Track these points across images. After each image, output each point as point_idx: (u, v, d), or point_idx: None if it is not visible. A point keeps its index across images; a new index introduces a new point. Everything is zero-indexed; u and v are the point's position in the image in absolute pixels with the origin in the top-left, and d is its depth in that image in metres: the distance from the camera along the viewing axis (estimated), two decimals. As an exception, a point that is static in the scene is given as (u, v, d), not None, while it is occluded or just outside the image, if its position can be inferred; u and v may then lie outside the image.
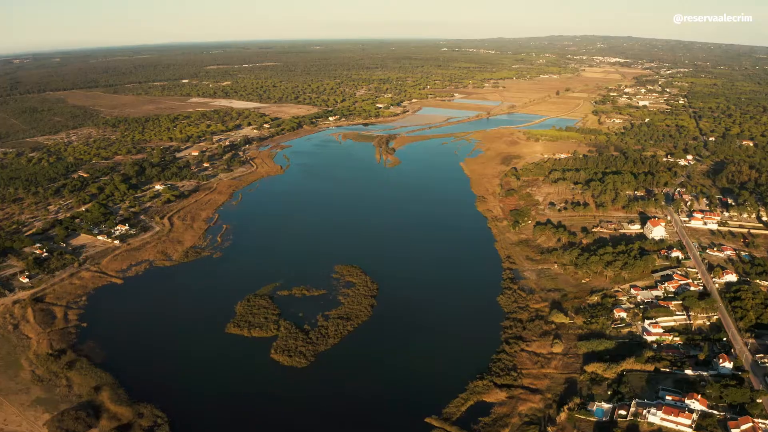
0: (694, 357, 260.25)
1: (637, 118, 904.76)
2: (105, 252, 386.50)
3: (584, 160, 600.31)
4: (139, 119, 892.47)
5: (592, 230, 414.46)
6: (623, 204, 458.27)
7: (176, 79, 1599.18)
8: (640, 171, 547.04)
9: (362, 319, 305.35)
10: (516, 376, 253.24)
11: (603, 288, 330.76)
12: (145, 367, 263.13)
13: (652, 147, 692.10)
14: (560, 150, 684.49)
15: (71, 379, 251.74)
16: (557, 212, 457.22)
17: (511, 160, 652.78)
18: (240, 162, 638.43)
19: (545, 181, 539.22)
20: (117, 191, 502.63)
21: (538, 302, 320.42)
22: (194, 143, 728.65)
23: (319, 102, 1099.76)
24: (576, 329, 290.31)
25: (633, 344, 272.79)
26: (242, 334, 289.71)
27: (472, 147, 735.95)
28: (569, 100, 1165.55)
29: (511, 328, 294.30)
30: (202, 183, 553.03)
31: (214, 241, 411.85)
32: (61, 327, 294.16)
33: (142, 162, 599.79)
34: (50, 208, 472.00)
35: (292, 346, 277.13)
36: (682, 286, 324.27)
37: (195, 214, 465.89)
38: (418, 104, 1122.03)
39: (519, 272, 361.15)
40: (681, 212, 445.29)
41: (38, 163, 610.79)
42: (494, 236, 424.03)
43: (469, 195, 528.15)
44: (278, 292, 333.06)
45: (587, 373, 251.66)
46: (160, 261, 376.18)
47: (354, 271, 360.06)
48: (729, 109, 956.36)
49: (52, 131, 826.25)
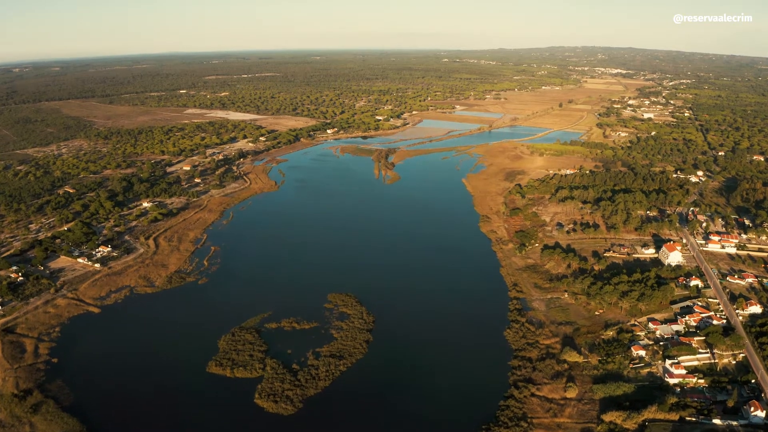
0: (722, 403, 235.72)
1: (642, 131, 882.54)
2: (84, 276, 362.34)
3: (591, 177, 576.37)
4: (132, 131, 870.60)
5: (604, 255, 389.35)
6: (636, 226, 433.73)
7: (174, 89, 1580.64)
8: (651, 189, 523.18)
9: (356, 357, 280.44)
10: (526, 428, 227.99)
11: (618, 321, 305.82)
12: (116, 413, 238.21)
13: (660, 162, 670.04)
14: (565, 165, 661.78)
15: (35, 426, 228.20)
16: (566, 234, 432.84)
17: (515, 175, 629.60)
18: (233, 177, 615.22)
19: (552, 199, 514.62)
20: (102, 209, 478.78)
21: (549, 337, 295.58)
22: (187, 157, 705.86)
23: (317, 114, 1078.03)
24: (591, 370, 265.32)
25: (654, 388, 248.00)
26: (224, 374, 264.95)
27: (475, 162, 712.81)
28: (572, 113, 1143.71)
29: (520, 368, 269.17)
30: (192, 200, 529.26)
31: (200, 265, 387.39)
32: (29, 363, 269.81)
33: (130, 177, 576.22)
34: (31, 226, 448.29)
35: (279, 389, 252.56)
36: (704, 319, 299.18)
37: (182, 234, 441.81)
38: (418, 116, 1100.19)
39: (527, 302, 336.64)
40: (697, 234, 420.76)
41: (24, 177, 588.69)
42: (499, 261, 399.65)
43: (472, 214, 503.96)
44: (266, 325, 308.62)
45: (605, 423, 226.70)
46: (142, 287, 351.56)
47: (349, 301, 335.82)
48: (736, 122, 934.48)
49: (44, 143, 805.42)
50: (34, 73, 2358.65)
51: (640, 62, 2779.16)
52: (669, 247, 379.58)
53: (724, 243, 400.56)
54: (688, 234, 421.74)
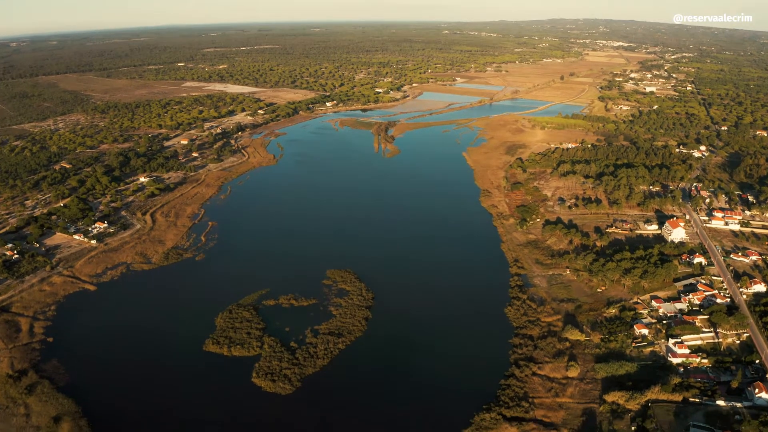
0: (726, 384, 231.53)
1: (645, 105, 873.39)
2: (80, 253, 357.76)
3: (593, 151, 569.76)
4: (130, 105, 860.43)
5: (606, 231, 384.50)
6: (638, 201, 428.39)
7: (172, 62, 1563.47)
8: (654, 164, 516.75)
9: (355, 335, 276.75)
10: (527, 407, 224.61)
11: (621, 299, 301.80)
12: (111, 393, 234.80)
13: (662, 136, 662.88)
14: (567, 139, 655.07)
15: (30, 407, 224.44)
16: (567, 209, 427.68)
17: (516, 149, 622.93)
18: (231, 151, 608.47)
19: (553, 174, 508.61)
20: (98, 184, 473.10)
21: (550, 315, 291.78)
22: (184, 131, 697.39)
23: (316, 86, 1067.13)
24: (593, 348, 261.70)
25: (657, 367, 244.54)
26: (221, 352, 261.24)
27: (475, 135, 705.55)
28: (574, 85, 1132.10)
29: (521, 347, 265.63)
30: (190, 174, 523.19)
31: (197, 241, 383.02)
32: (25, 342, 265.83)
33: (127, 152, 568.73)
34: (27, 203, 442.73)
35: (277, 368, 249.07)
36: (708, 298, 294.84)
37: (180, 209, 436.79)
38: (418, 89, 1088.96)
39: (528, 278, 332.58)
40: (700, 211, 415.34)
41: (21, 152, 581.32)
42: (500, 236, 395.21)
43: (473, 188, 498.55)
44: (264, 302, 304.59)
45: (607, 403, 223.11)
46: (138, 264, 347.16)
47: (348, 277, 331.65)
48: (739, 97, 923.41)
49: (40, 118, 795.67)
50: (32, 47, 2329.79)
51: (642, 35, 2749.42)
52: (672, 224, 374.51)
53: (727, 220, 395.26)
54: (692, 210, 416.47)
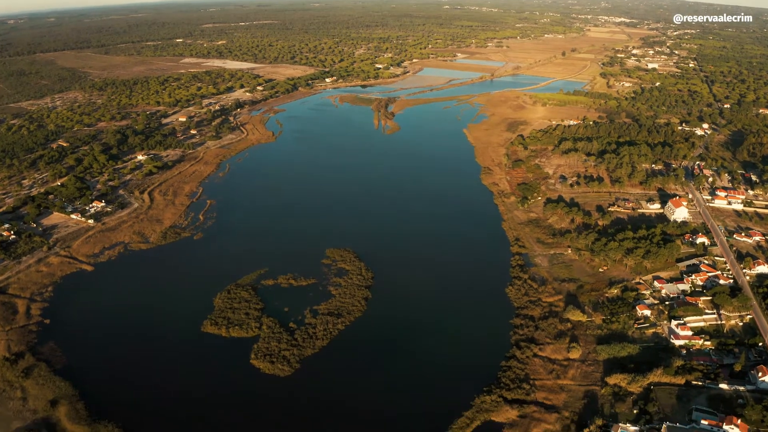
0: (729, 367, 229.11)
1: (647, 82, 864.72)
2: (78, 233, 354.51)
3: (595, 128, 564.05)
4: (128, 82, 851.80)
5: (609, 209, 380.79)
6: (641, 179, 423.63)
7: (170, 38, 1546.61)
8: (656, 141, 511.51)
9: (355, 315, 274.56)
10: (528, 389, 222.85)
11: (623, 279, 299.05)
12: (109, 375, 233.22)
13: (665, 114, 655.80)
14: (569, 115, 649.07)
15: (27, 390, 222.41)
16: (569, 188, 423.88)
17: (517, 126, 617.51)
18: (230, 128, 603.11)
19: (555, 151, 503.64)
20: (96, 163, 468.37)
21: (552, 295, 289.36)
22: (183, 107, 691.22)
23: (316, 62, 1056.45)
24: (594, 329, 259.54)
25: (659, 349, 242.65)
26: (220, 333, 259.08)
27: (476, 111, 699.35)
28: (576, 62, 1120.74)
29: (522, 327, 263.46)
30: (188, 152, 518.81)
31: (196, 220, 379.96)
32: (21, 324, 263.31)
33: (125, 129, 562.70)
34: (24, 182, 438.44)
35: (275, 349, 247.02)
36: (711, 279, 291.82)
37: (178, 187, 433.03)
38: (419, 64, 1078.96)
39: (529, 258, 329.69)
40: (703, 190, 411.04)
41: (18, 131, 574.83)
42: (501, 214, 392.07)
43: (474, 166, 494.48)
44: (263, 281, 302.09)
45: (609, 385, 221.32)
46: (136, 244, 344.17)
47: (347, 256, 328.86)
48: (742, 74, 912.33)
49: (38, 95, 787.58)
50: (30, 24, 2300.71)
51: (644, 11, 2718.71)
52: (675, 203, 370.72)
53: (730, 199, 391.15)
54: (694, 189, 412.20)
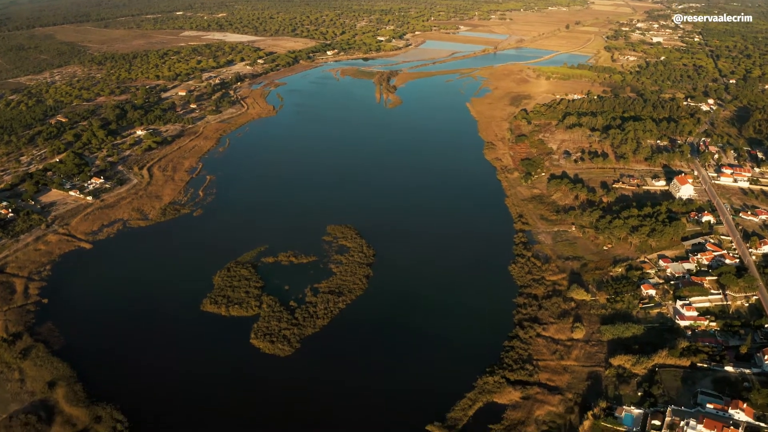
0: (735, 349, 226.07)
1: (652, 56, 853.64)
2: (76, 210, 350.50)
3: (600, 103, 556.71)
4: (127, 56, 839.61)
5: (613, 186, 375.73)
6: (646, 156, 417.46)
7: (170, 11, 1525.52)
8: (661, 117, 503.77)
9: (356, 293, 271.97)
10: (532, 370, 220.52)
11: (627, 257, 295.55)
12: (107, 355, 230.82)
13: (670, 89, 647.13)
14: (573, 89, 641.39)
15: (24, 372, 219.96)
16: (573, 163, 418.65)
17: (520, 100, 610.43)
18: (230, 102, 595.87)
19: (559, 126, 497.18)
20: (95, 138, 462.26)
21: (555, 273, 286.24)
22: (182, 81, 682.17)
23: (317, 35, 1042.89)
24: (599, 309, 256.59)
25: (664, 330, 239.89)
26: (219, 312, 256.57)
27: (479, 85, 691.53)
28: (580, 35, 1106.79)
29: (525, 306, 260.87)
30: (188, 127, 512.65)
31: (195, 196, 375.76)
32: (19, 304, 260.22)
33: (124, 104, 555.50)
34: (22, 159, 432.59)
35: (275, 328, 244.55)
36: (717, 258, 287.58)
37: (177, 163, 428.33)
38: (421, 37, 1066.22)
39: (533, 235, 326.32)
40: (708, 167, 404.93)
41: (17, 107, 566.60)
42: (504, 190, 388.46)
43: (477, 140, 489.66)
44: (263, 259, 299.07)
45: (613, 367, 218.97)
46: (135, 221, 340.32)
47: (348, 233, 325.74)
48: (747, 49, 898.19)
49: (37, 70, 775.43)
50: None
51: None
52: (680, 180, 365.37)
53: (736, 177, 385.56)
54: (700, 166, 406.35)
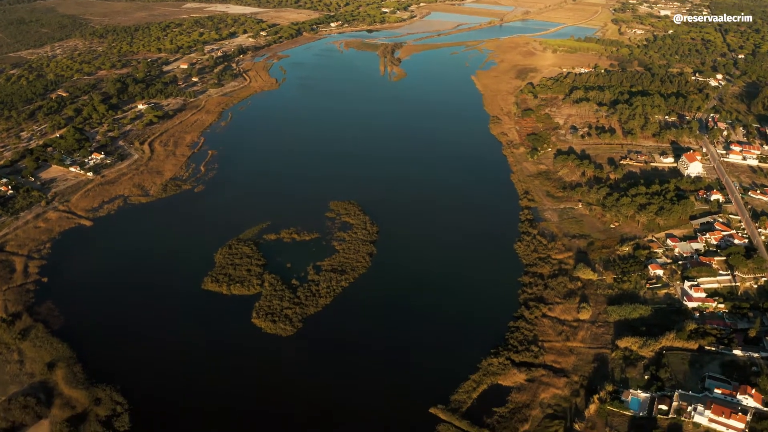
0: (743, 332, 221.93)
1: (659, 29, 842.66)
2: (77, 186, 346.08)
3: (607, 77, 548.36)
4: (129, 28, 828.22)
5: (621, 162, 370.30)
6: (654, 132, 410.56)
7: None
8: (669, 92, 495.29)
9: (359, 271, 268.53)
10: (537, 352, 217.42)
11: (635, 236, 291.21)
12: (107, 336, 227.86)
13: (678, 63, 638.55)
14: (580, 63, 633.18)
15: (23, 353, 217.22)
16: (580, 139, 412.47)
17: (527, 73, 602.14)
18: (232, 75, 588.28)
19: (565, 100, 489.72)
20: (95, 113, 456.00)
21: (561, 251, 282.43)
22: (184, 54, 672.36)
23: (320, 6, 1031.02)
24: (605, 289, 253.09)
25: (671, 311, 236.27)
26: (221, 291, 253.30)
27: (485, 58, 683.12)
28: (587, 7, 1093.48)
29: (531, 286, 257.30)
30: (190, 100, 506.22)
31: (197, 171, 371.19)
32: (19, 283, 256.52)
33: (125, 78, 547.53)
34: (23, 134, 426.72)
35: (277, 307, 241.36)
36: (725, 238, 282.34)
37: (179, 137, 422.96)
38: (426, 8, 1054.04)
39: (539, 212, 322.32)
40: (717, 144, 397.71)
41: (17, 81, 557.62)
42: (510, 166, 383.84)
43: (482, 115, 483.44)
44: (265, 236, 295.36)
45: (620, 349, 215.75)
46: (136, 197, 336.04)
47: (351, 209, 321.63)
48: (756, 24, 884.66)
49: (38, 44, 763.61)
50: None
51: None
52: (689, 157, 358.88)
53: (745, 154, 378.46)
54: (708, 143, 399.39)
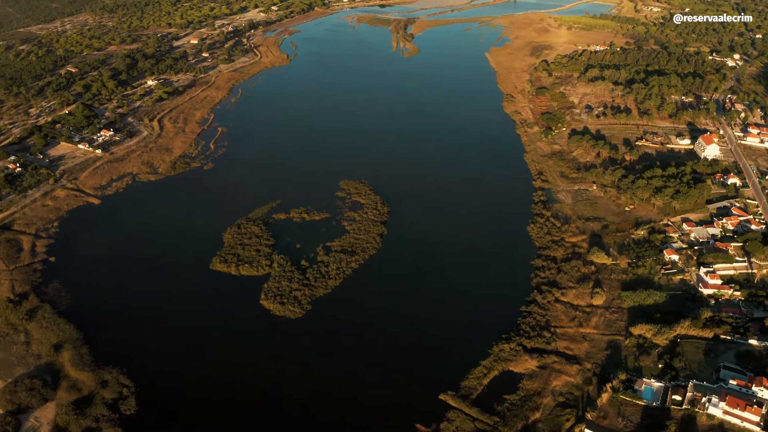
0: (759, 321, 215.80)
1: (676, 7, 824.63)
2: (85, 164, 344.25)
3: (623, 55, 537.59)
4: (139, 3, 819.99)
5: (636, 143, 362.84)
6: (670, 112, 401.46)
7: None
8: (686, 71, 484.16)
9: (369, 252, 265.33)
10: (549, 338, 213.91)
11: (650, 219, 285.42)
12: (115, 317, 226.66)
13: (694, 42, 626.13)
14: (595, 40, 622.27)
15: (30, 334, 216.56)
16: (595, 118, 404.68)
17: (541, 51, 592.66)
18: (243, 50, 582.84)
19: (580, 79, 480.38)
20: (105, 89, 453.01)
21: (575, 234, 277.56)
22: (195, 29, 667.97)
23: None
24: (619, 274, 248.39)
25: (686, 298, 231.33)
26: (229, 271, 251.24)
27: (499, 34, 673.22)
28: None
29: (544, 269, 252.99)
30: (200, 76, 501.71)
31: (206, 149, 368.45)
32: (26, 263, 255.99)
33: (135, 53, 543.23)
34: (31, 111, 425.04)
35: (286, 289, 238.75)
36: (742, 223, 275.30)
37: (188, 114, 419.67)
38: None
39: (552, 193, 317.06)
40: (734, 126, 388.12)
41: (26, 57, 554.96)
42: (524, 145, 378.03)
43: (496, 92, 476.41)
44: (274, 215, 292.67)
45: (634, 336, 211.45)
46: (144, 175, 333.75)
47: (362, 189, 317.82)
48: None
49: (47, 19, 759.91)
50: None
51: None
52: (706, 139, 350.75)
53: (763, 137, 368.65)
54: (726, 125, 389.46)
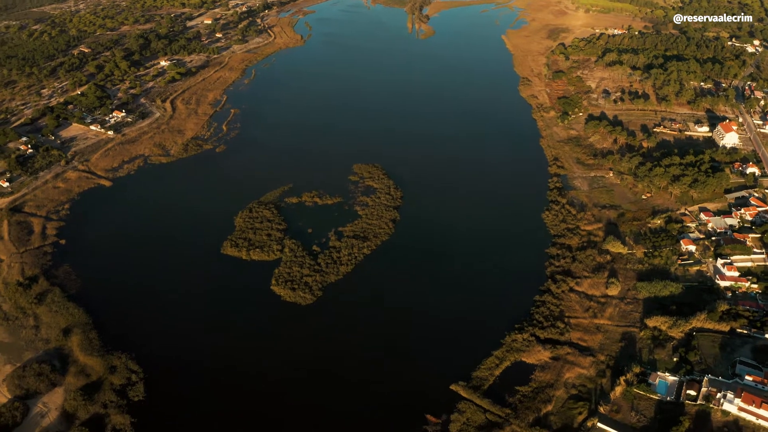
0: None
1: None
2: (97, 145, 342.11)
3: (641, 39, 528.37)
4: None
5: (654, 130, 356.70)
6: (689, 99, 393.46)
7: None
8: (705, 57, 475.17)
9: (382, 238, 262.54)
10: (563, 329, 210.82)
11: (667, 208, 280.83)
12: (124, 301, 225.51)
13: (713, 27, 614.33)
14: (613, 24, 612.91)
15: (39, 318, 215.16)
16: (612, 104, 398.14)
17: (558, 33, 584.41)
18: (257, 31, 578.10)
19: (598, 63, 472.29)
20: (117, 70, 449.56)
21: (591, 222, 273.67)
22: (208, 9, 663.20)
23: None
24: (635, 263, 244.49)
25: (703, 290, 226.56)
26: (240, 256, 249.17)
27: (515, 16, 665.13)
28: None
29: (558, 258, 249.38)
30: (213, 57, 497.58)
31: (218, 131, 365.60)
32: (36, 245, 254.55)
33: (148, 34, 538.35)
34: (44, 92, 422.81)
35: (297, 275, 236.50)
36: (761, 214, 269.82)
37: (201, 95, 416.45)
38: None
39: (568, 180, 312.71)
40: (754, 113, 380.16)
41: (39, 37, 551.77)
42: (539, 130, 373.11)
43: (512, 76, 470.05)
44: (286, 199, 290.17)
45: (649, 328, 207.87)
46: (156, 157, 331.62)
47: (375, 173, 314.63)
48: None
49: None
50: None
51: None
52: (725, 127, 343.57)
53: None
54: (745, 112, 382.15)
